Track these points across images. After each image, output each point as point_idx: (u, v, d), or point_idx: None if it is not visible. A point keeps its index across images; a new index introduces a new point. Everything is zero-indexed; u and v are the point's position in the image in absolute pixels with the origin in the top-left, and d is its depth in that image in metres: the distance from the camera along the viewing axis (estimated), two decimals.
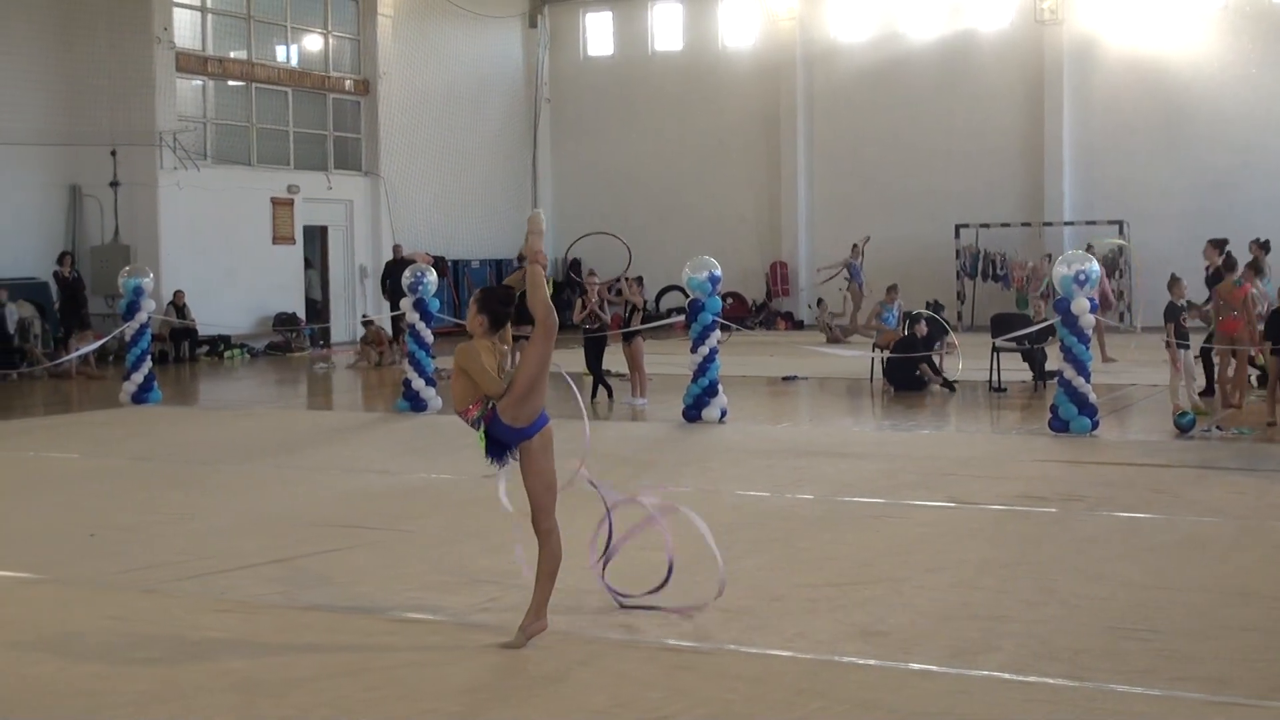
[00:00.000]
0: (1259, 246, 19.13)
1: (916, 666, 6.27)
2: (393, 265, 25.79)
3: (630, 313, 18.05)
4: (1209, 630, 6.82)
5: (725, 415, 15.54)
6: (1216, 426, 14.14)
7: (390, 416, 16.87)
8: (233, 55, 28.55)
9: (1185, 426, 13.86)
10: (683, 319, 16.86)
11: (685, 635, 6.81)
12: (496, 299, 6.89)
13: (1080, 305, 13.94)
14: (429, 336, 17.07)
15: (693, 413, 15.51)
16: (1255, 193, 29.71)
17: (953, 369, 19.03)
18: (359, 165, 31.09)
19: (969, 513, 10.04)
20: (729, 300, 30.15)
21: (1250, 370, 16.91)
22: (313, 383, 22.61)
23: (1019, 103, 32.05)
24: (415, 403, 16.85)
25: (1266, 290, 17.11)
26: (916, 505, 10.31)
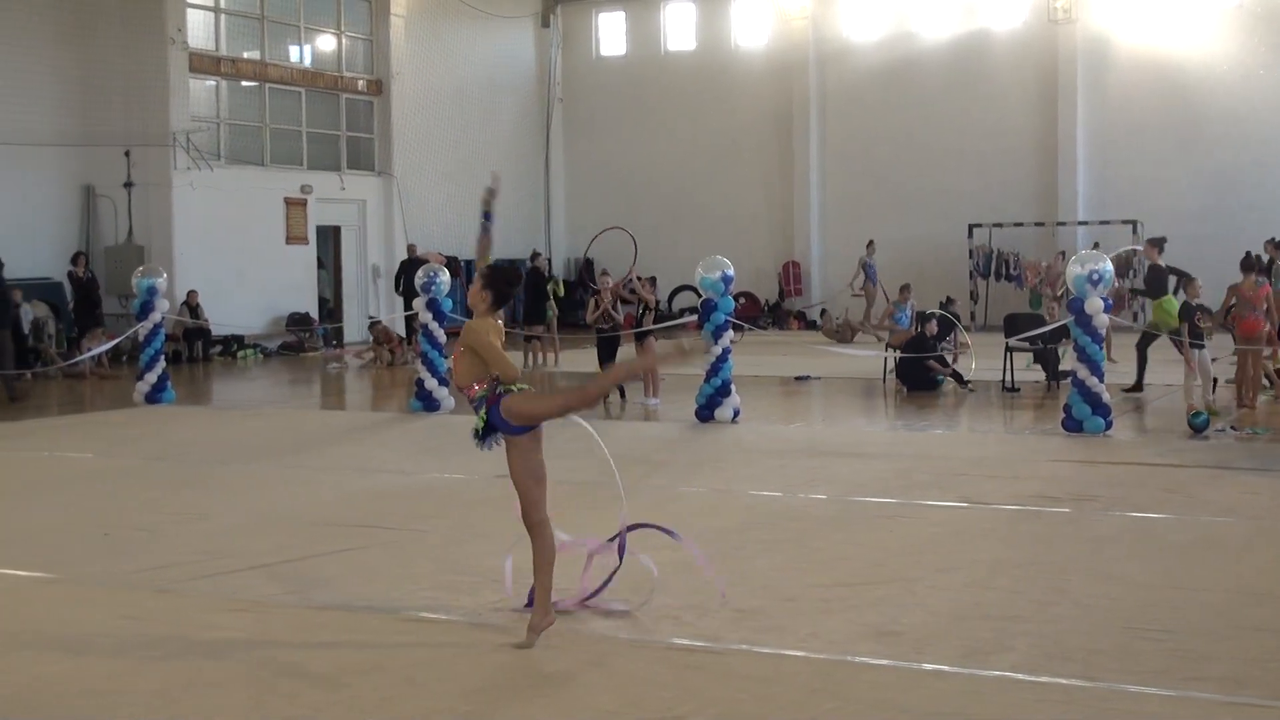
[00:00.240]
0: (1275, 246, 19.09)
1: (929, 667, 6.26)
2: (407, 265, 25.82)
3: (643, 312, 18.05)
4: (1223, 631, 6.80)
5: (738, 415, 15.53)
6: (1231, 426, 14.11)
7: (403, 416, 16.89)
8: (246, 56, 28.59)
9: (1199, 426, 13.82)
10: (695, 319, 16.85)
11: (696, 635, 6.80)
12: (504, 278, 6.82)
13: (1094, 305, 13.91)
14: (442, 336, 17.08)
15: (705, 413, 15.50)
16: (1269, 192, 29.64)
17: (965, 368, 19.00)
18: (372, 165, 31.12)
19: (982, 513, 10.03)
20: (741, 300, 30.12)
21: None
22: (325, 383, 22.65)
23: (1032, 102, 32.00)
24: (428, 403, 16.87)
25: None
26: (929, 505, 10.29)
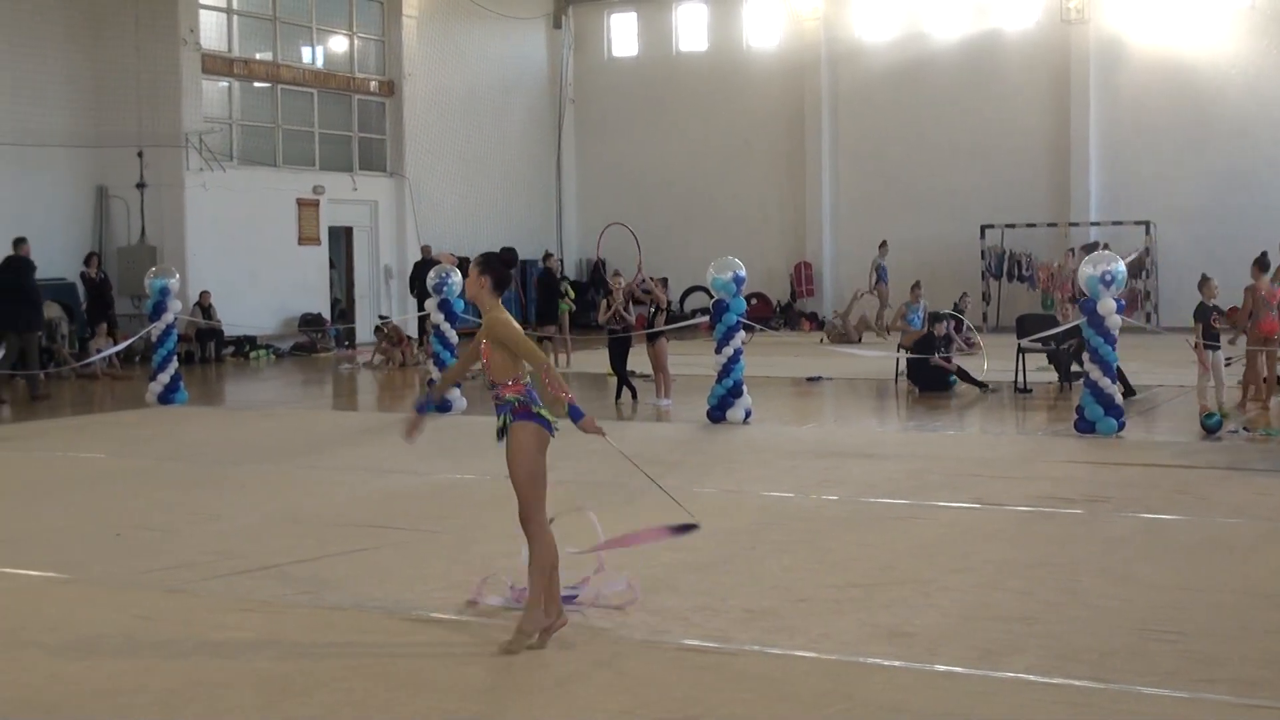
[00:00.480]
0: None
1: (941, 668, 6.25)
2: (420, 265, 25.85)
3: (654, 313, 18.05)
4: (1236, 632, 6.79)
5: (750, 416, 15.52)
6: (1243, 428, 14.07)
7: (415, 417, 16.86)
8: (258, 57, 28.64)
9: (1212, 428, 13.78)
10: (707, 319, 16.85)
11: (708, 636, 6.80)
12: (498, 259, 6.84)
13: (1106, 306, 13.88)
14: (454, 337, 17.09)
15: (717, 413, 15.50)
16: None
17: (977, 370, 18.98)
18: (384, 166, 31.16)
19: (994, 514, 10.01)
20: (753, 300, 30.09)
21: None
22: (338, 383, 22.68)
23: (1044, 103, 31.93)
24: (440, 404, 16.87)
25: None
26: (942, 506, 10.28)
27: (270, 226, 27.79)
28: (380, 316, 28.59)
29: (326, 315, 28.80)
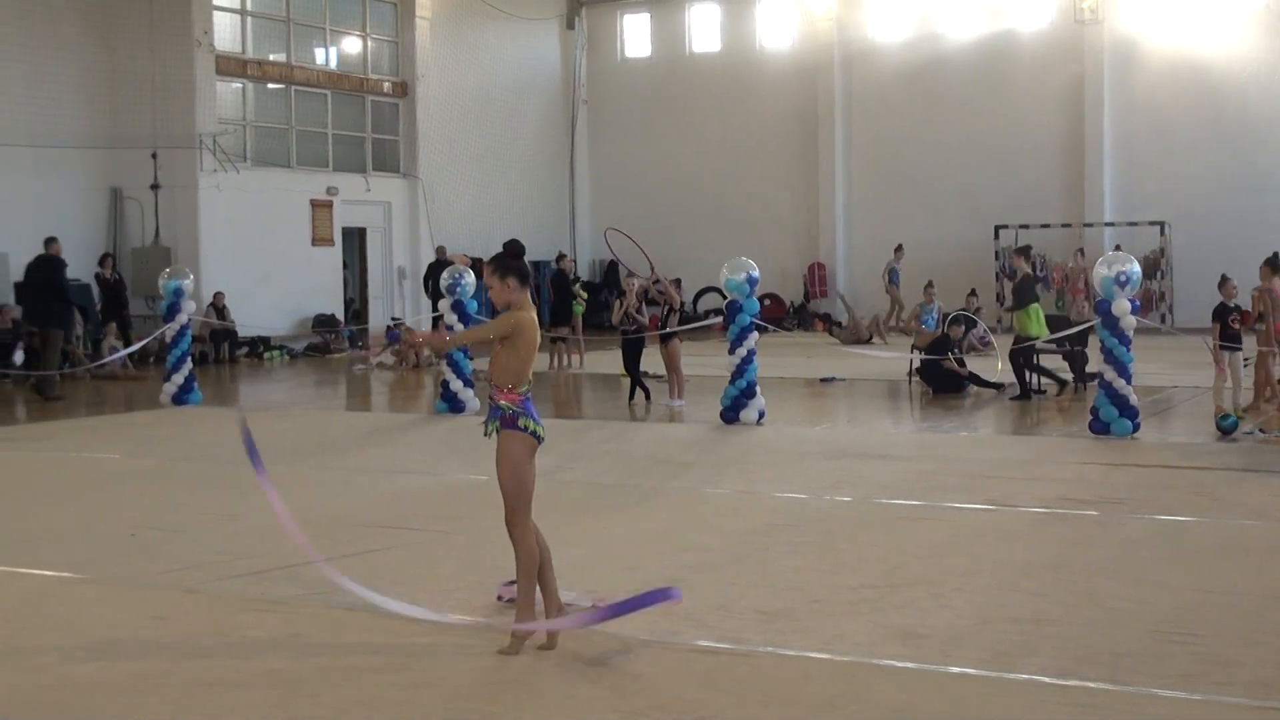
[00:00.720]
0: None
1: (955, 670, 6.24)
2: (435, 266, 25.89)
3: (668, 313, 18.05)
4: (1252, 634, 6.76)
5: (763, 417, 15.50)
6: (1259, 429, 14.01)
7: (429, 418, 16.92)
8: (272, 58, 28.71)
9: (1227, 429, 13.74)
10: (720, 320, 16.84)
11: (721, 637, 6.79)
12: (511, 256, 6.72)
13: (1121, 306, 13.84)
14: None
15: (730, 414, 15.49)
16: None
17: (990, 370, 18.95)
18: (397, 167, 31.21)
19: (1008, 515, 9.99)
20: (766, 301, 30.11)
21: None
22: (351, 384, 22.71)
23: (1058, 103, 31.88)
24: (454, 404, 16.90)
25: None
26: (955, 508, 10.26)
27: (284, 227, 27.86)
28: (393, 318, 28.64)
29: (340, 316, 28.84)
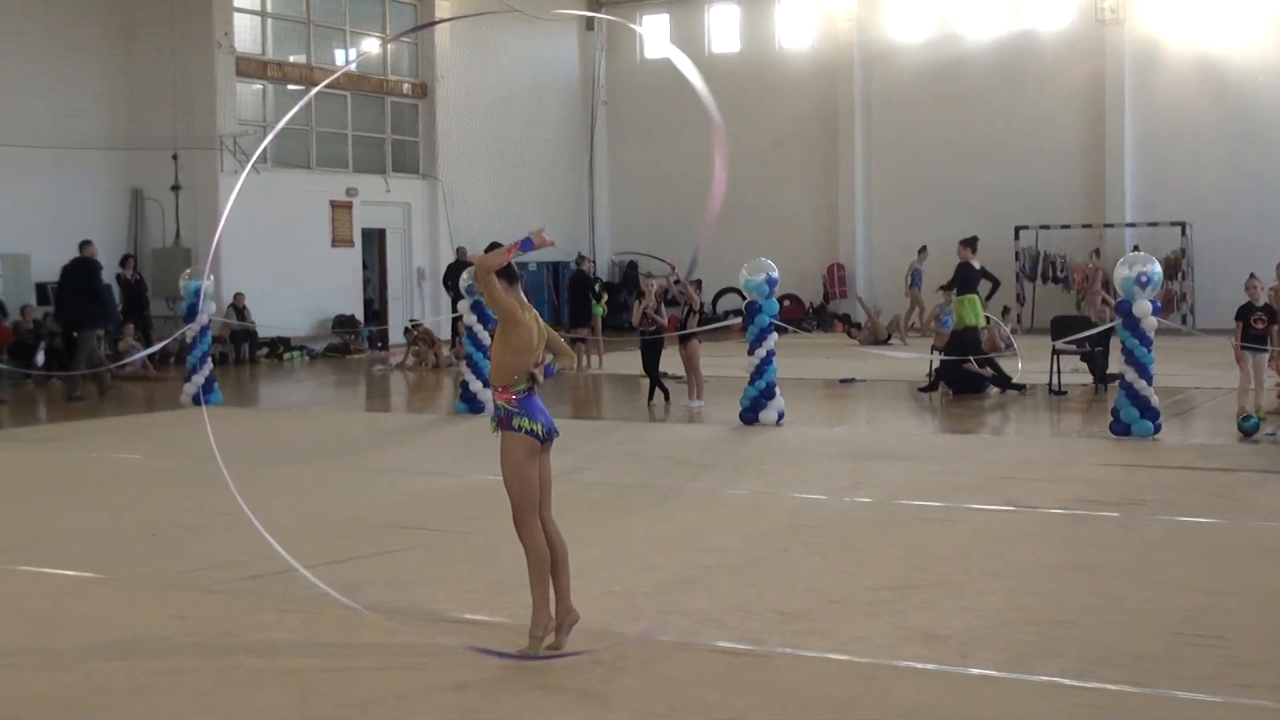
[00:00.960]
0: None
1: (975, 671, 6.22)
2: (454, 267, 25.93)
3: (687, 315, 18.04)
4: (1274, 637, 6.73)
5: (782, 418, 15.49)
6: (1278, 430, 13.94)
7: (448, 418, 16.95)
8: (292, 59, 28.78)
9: (1249, 430, 13.68)
10: (740, 321, 16.83)
11: (741, 638, 6.79)
12: (488, 254, 6.74)
13: (1142, 307, 13.78)
14: (486, 338, 17.11)
15: (750, 415, 15.47)
16: None
17: (1011, 371, 18.90)
18: (417, 168, 31.26)
19: (1028, 516, 9.97)
20: (786, 302, 30.03)
21: None
22: (371, 385, 22.76)
23: (1079, 103, 31.78)
24: (473, 405, 16.92)
25: None
26: (975, 509, 10.23)
27: (304, 228, 27.92)
28: (411, 319, 28.69)
29: (360, 317, 28.90)
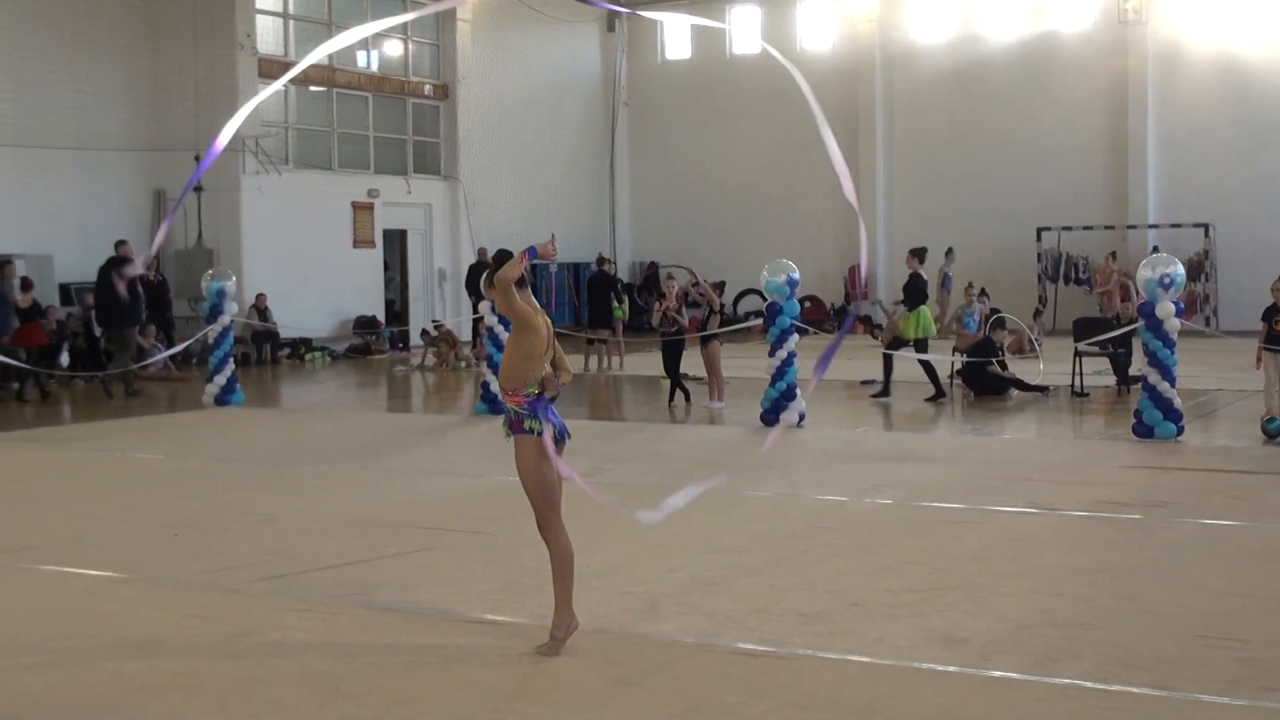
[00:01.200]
0: None
1: (997, 674, 6.20)
2: (476, 268, 25.95)
3: (708, 315, 18.04)
4: None
5: (803, 419, 15.47)
6: None
7: (469, 419, 16.97)
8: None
9: (1273, 433, 13.60)
10: (760, 322, 16.82)
11: (762, 640, 6.78)
12: (499, 262, 6.77)
13: (1165, 309, 13.72)
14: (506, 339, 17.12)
15: (771, 416, 15.46)
16: None
17: (1033, 373, 18.84)
18: (438, 169, 31.31)
19: (1050, 519, 9.93)
20: (807, 304, 30.01)
21: None
22: (392, 385, 22.80)
23: (1102, 105, 31.68)
24: (494, 405, 16.92)
25: None
26: (997, 511, 10.21)
27: (325, 229, 28.00)
28: (433, 320, 28.73)
29: (381, 318, 28.96)
